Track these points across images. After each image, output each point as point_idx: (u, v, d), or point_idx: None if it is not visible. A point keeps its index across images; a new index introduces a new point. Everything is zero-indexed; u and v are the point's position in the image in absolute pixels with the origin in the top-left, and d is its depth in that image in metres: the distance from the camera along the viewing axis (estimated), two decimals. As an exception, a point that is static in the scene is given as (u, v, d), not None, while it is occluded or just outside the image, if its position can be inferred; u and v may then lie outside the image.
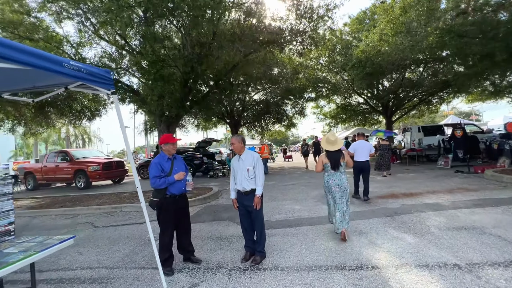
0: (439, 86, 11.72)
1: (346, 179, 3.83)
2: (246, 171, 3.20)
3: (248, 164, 3.23)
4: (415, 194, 6.11)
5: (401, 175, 9.20)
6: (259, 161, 3.30)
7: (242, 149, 3.28)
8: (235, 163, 3.31)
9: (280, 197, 6.86)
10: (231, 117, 17.20)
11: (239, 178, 3.22)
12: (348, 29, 13.81)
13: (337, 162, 3.74)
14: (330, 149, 3.81)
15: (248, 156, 3.27)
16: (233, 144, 3.27)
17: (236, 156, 3.34)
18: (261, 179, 3.26)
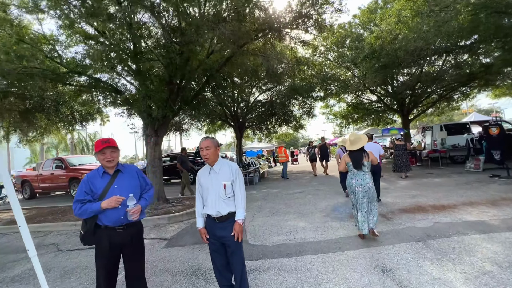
0: (464, 79, 10.39)
1: (371, 178, 3.76)
2: (221, 188, 2.26)
3: (225, 178, 2.29)
4: (448, 206, 4.96)
5: (425, 181, 7.98)
6: (239, 173, 2.36)
7: (216, 157, 2.34)
8: (203, 177, 2.37)
9: (283, 210, 5.85)
10: (235, 119, 16.35)
11: (211, 198, 2.28)
12: (358, 20, 12.68)
13: (358, 161, 3.71)
14: (351, 149, 3.80)
15: (225, 167, 2.33)
16: (208, 148, 2.31)
17: (206, 167, 2.40)
18: (243, 199, 2.32)
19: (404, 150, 9.00)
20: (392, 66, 8.51)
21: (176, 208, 6.37)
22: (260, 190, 8.96)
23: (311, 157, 12.24)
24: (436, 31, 6.37)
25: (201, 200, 2.39)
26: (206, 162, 2.36)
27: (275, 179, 12.29)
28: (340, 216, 4.95)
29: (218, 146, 2.36)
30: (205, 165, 2.40)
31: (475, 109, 42.86)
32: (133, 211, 2.08)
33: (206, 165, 2.38)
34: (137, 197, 2.21)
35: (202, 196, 2.38)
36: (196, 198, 2.44)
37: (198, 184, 2.42)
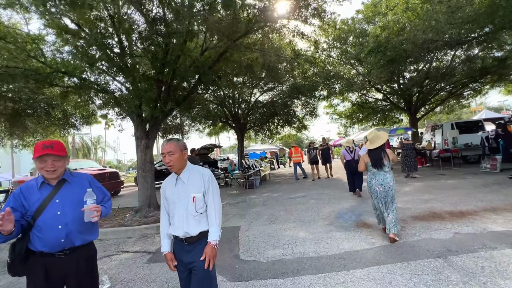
0: (476, 74, 9.75)
1: (392, 178, 3.64)
2: (190, 201, 1.80)
3: (195, 189, 1.83)
4: (468, 213, 4.40)
5: (437, 183, 7.39)
6: (213, 182, 1.90)
7: (183, 163, 1.88)
8: (169, 188, 1.91)
9: (282, 217, 5.36)
10: (236, 121, 15.92)
11: (179, 214, 1.83)
12: (362, 16, 12.13)
13: (377, 160, 3.63)
14: (370, 147, 3.71)
15: (194, 176, 1.87)
16: (171, 154, 1.84)
17: (172, 176, 1.94)
18: (217, 214, 1.85)
19: (412, 149, 8.91)
20: (399, 61, 7.95)
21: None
22: (260, 194, 8.47)
23: (312, 160, 11.11)
24: (448, 18, 5.79)
25: (167, 217, 1.93)
26: (171, 171, 1.90)
27: (277, 182, 11.79)
28: (345, 225, 4.43)
29: (185, 149, 1.90)
30: (172, 174, 1.94)
31: (484, 107, 41.70)
32: (92, 208, 1.64)
33: (172, 173, 1.92)
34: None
35: (168, 212, 1.93)
36: (161, 215, 1.98)
37: (162, 197, 1.96)
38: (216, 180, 1.96)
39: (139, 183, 6.31)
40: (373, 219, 4.60)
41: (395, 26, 7.19)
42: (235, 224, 5.16)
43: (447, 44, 7.30)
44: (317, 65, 12.36)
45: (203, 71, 5.54)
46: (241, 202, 7.51)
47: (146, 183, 6.27)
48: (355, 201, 6.22)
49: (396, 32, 7.27)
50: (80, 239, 1.77)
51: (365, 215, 4.94)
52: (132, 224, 5.49)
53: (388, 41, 7.46)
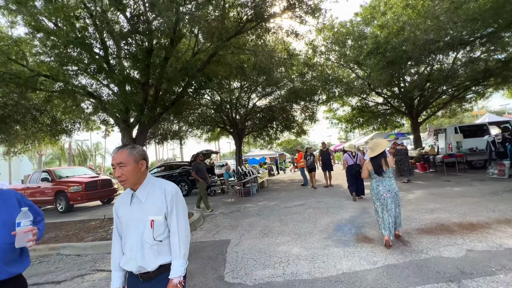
0: (480, 76, 9.41)
1: (396, 184, 3.77)
2: (147, 226, 1.44)
3: (153, 210, 1.46)
4: (479, 226, 3.99)
5: (442, 190, 6.97)
6: (179, 200, 1.52)
7: (140, 177, 1.51)
8: (122, 207, 1.54)
9: (277, 229, 4.96)
10: (233, 126, 15.61)
11: (132, 241, 1.46)
12: (360, 18, 11.90)
13: (378, 167, 3.73)
14: (371, 155, 3.79)
15: (155, 192, 1.50)
16: (122, 165, 1.46)
17: (127, 192, 1.57)
18: (183, 242, 1.47)
19: (405, 154, 9.20)
20: (400, 62, 7.63)
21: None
22: (256, 203, 8.07)
23: (309, 167, 10.06)
24: (451, 15, 5.47)
25: (119, 241, 1.56)
26: (124, 187, 1.54)
27: (275, 189, 11.38)
28: (344, 239, 4.03)
29: (142, 160, 1.53)
30: (127, 189, 1.57)
31: (486, 111, 41.34)
32: (27, 231, 1.30)
33: (128, 189, 1.56)
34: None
35: (121, 236, 1.56)
36: (112, 238, 1.61)
37: (115, 215, 1.59)
38: (183, 198, 1.57)
39: (125, 193, 5.93)
40: (374, 232, 4.21)
41: (394, 25, 6.88)
42: (225, 237, 4.76)
43: (449, 45, 6.99)
44: (314, 68, 12.09)
45: (192, 73, 5.21)
46: (235, 211, 7.11)
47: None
48: (356, 210, 5.81)
49: (395, 32, 6.96)
50: (4, 272, 1.41)
51: (366, 227, 4.54)
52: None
53: (387, 42, 7.15)
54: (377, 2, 11.38)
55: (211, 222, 6.10)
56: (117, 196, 13.65)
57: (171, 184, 1.57)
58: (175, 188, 1.54)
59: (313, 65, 12.31)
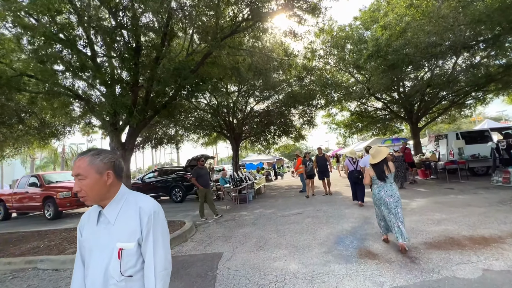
0: (481, 81, 9.24)
1: (397, 189, 3.84)
2: (114, 256, 1.13)
3: (124, 235, 1.16)
4: (492, 240, 3.68)
5: (447, 199, 6.67)
6: (158, 222, 1.20)
7: (106, 192, 1.20)
8: (87, 227, 1.25)
9: (273, 241, 4.62)
10: (230, 130, 15.32)
11: (93, 274, 1.15)
12: (359, 22, 11.77)
13: (381, 173, 3.81)
14: (373, 162, 3.86)
15: (128, 211, 1.19)
16: (81, 178, 1.14)
17: (92, 209, 1.26)
18: (160, 277, 1.15)
19: (402, 161, 9.29)
20: (401, 66, 7.42)
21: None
22: (252, 211, 7.72)
23: (308, 173, 9.35)
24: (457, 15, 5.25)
25: (81, 270, 1.24)
26: (87, 204, 1.23)
27: (273, 195, 11.03)
28: (346, 254, 3.70)
29: (108, 170, 1.21)
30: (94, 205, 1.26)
31: (483, 117, 41.48)
32: None
33: (92, 206, 1.25)
34: None
35: (83, 260, 1.24)
36: (74, 265, 1.28)
37: (79, 235, 1.27)
38: (163, 220, 1.24)
39: (112, 200, 5.57)
40: (378, 246, 3.90)
41: (397, 26, 6.66)
42: (217, 250, 4.41)
43: (451, 48, 6.79)
44: (313, 72, 11.89)
45: (184, 74, 4.92)
46: (229, 220, 6.76)
47: (120, 200, 5.54)
48: (357, 220, 5.49)
49: (398, 34, 6.75)
50: None
51: (368, 240, 4.21)
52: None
53: (388, 45, 6.93)
54: (376, 6, 11.27)
55: (203, 232, 5.74)
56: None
57: (149, 201, 1.24)
58: (154, 206, 1.21)
59: (312, 69, 12.12)
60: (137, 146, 13.81)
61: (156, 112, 5.53)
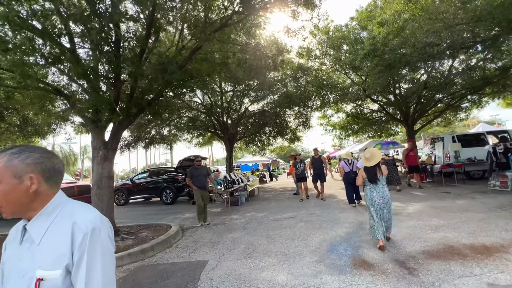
0: (479, 83, 9.11)
1: (388, 191, 4.00)
2: (31, 286, 0.83)
3: (48, 259, 0.85)
4: (495, 249, 3.45)
5: (444, 203, 6.47)
6: (96, 242, 0.88)
7: (33, 200, 0.90)
8: (10, 245, 0.96)
9: (262, 248, 4.33)
10: (224, 131, 15.02)
11: None
12: (356, 22, 11.59)
13: (373, 176, 3.99)
14: (367, 165, 4.01)
15: (61, 225, 0.89)
16: None
17: (18, 226, 0.96)
18: None
19: (393, 165, 9.33)
20: (398, 66, 7.24)
21: (124, 243, 4.84)
22: (243, 214, 7.43)
23: (298, 176, 8.81)
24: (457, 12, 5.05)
25: None
26: (4, 217, 0.94)
27: (266, 198, 10.76)
28: (339, 263, 3.43)
29: (30, 174, 0.90)
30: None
31: (476, 121, 41.85)
32: None
33: (22, 220, 0.96)
34: None
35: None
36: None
37: (3, 250, 0.97)
38: (105, 240, 0.92)
39: (92, 203, 5.23)
40: (373, 254, 3.65)
41: (395, 23, 6.44)
42: (202, 258, 4.11)
43: (449, 48, 6.62)
44: (308, 72, 11.68)
45: (171, 69, 4.63)
46: (219, 224, 6.46)
47: (101, 203, 5.20)
48: (351, 225, 5.24)
49: (395, 31, 6.55)
50: None
51: (363, 247, 3.95)
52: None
53: (385, 44, 6.74)
54: (373, 6, 11.09)
55: (190, 237, 5.43)
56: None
57: (88, 214, 0.94)
58: (93, 221, 0.91)
59: (308, 69, 11.90)
60: (128, 146, 13.42)
61: (141, 109, 5.21)
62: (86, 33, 3.62)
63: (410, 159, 9.26)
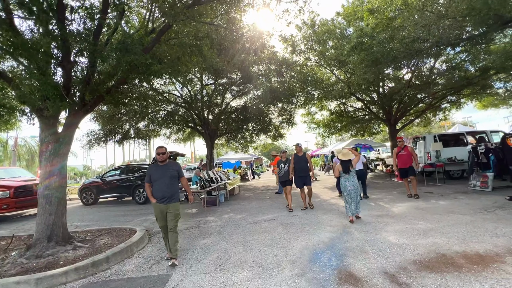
0: (462, 82, 9.10)
1: (357, 181, 5.37)
2: None
3: None
4: (490, 258, 3.14)
5: (428, 204, 6.27)
6: None
7: None
8: None
9: (237, 257, 3.81)
10: (205, 126, 14.31)
11: None
12: (342, 18, 11.28)
13: (347, 167, 5.26)
14: (344, 159, 5.26)
15: None
16: None
17: None
18: None
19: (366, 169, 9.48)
20: (385, 61, 6.97)
21: (74, 254, 4.13)
22: (220, 216, 6.87)
23: (281, 178, 6.98)
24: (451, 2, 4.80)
25: None
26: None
27: (247, 197, 10.26)
28: (323, 278, 2.98)
29: None
30: None
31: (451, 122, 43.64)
32: None
33: None
34: None
35: None
36: None
37: None
38: None
39: (39, 206, 4.46)
40: (360, 265, 3.24)
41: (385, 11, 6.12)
42: (164, 271, 3.51)
43: (437, 44, 6.43)
44: (293, 67, 11.25)
45: (134, 51, 3.94)
46: (192, 227, 5.86)
47: (49, 206, 4.44)
48: (335, 229, 4.84)
49: (384, 23, 6.24)
50: None
51: (349, 256, 3.54)
52: (8, 270, 3.62)
53: (373, 36, 6.41)
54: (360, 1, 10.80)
55: (156, 244, 4.80)
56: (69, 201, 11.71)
57: None
58: None
59: (293, 63, 11.47)
60: (98, 141, 12.36)
61: (99, 98, 4.48)
62: None
63: (402, 159, 7.15)
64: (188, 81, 9.10)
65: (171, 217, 3.78)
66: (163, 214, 3.82)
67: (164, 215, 3.83)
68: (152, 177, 3.88)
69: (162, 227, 3.95)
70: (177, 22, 3.97)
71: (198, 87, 13.18)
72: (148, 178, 3.92)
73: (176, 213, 3.83)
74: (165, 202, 3.78)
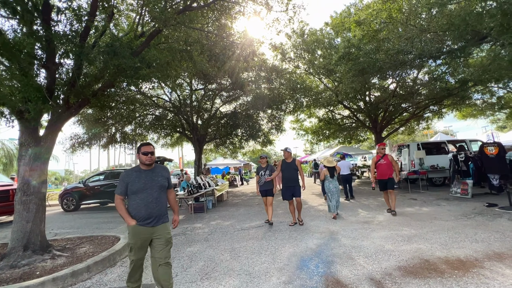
0: (443, 93, 9.54)
1: (338, 184, 6.41)
2: None
3: None
4: (470, 263, 3.25)
5: (412, 211, 6.44)
6: None
7: None
8: None
9: (223, 265, 3.74)
10: (193, 131, 14.18)
11: None
12: (330, 28, 11.62)
13: (332, 172, 6.35)
14: (328, 166, 6.34)
15: None
16: None
17: None
18: None
19: None
20: (371, 71, 7.22)
21: (53, 263, 3.93)
22: (207, 222, 6.77)
23: (261, 188, 5.94)
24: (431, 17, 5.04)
25: None
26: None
27: (235, 203, 10.17)
28: (311, 285, 2.97)
29: None
30: None
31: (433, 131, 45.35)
32: None
33: None
34: None
35: None
36: None
37: None
38: None
39: (15, 212, 4.25)
40: (347, 271, 3.26)
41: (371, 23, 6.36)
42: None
43: (420, 57, 6.73)
44: (282, 74, 11.41)
45: (122, 54, 3.88)
46: (179, 234, 5.74)
47: (26, 213, 4.23)
48: (322, 236, 4.87)
49: (371, 35, 6.49)
50: None
51: (336, 263, 3.56)
52: (-21, 282, 3.40)
53: (360, 47, 6.67)
54: (347, 13, 11.17)
55: (141, 252, 4.64)
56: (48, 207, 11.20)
57: None
58: None
59: (282, 71, 11.64)
60: (82, 145, 11.98)
61: (85, 101, 4.36)
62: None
63: (381, 169, 6.26)
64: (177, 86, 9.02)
65: (161, 246, 2.55)
66: (147, 242, 2.57)
67: (147, 244, 2.59)
68: (130, 188, 2.54)
69: (137, 260, 2.60)
70: (168, 27, 3.96)
71: (188, 92, 13.11)
72: (122, 188, 2.56)
73: (168, 237, 2.62)
74: (152, 224, 2.54)
